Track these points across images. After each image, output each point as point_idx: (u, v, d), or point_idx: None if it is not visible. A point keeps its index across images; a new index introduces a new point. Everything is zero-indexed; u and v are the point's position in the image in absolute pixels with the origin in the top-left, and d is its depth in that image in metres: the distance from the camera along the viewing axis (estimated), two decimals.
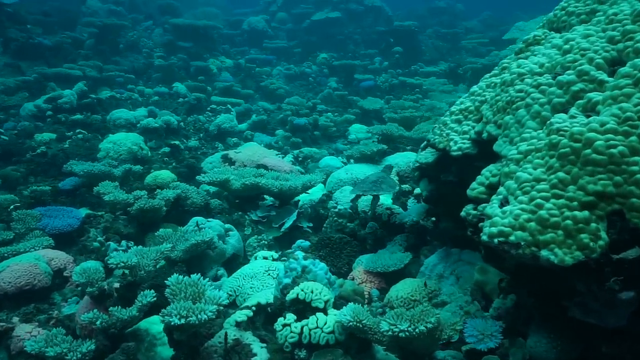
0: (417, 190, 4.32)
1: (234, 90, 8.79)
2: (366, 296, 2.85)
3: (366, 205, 4.09)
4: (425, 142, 3.18)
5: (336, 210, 3.57)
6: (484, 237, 1.53)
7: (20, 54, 8.65)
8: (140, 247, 2.77)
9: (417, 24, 12.50)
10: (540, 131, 1.67)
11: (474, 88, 2.43)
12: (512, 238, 1.45)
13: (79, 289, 3.11)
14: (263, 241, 3.65)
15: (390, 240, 3.48)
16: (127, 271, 2.63)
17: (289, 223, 3.69)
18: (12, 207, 3.97)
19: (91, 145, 5.53)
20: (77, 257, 3.62)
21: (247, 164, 5.41)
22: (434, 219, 3.31)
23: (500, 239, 1.47)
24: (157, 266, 2.72)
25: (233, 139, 6.54)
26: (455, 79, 10.09)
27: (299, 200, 4.31)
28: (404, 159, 4.77)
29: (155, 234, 3.16)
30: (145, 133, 6.01)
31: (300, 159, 6.02)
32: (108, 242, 3.16)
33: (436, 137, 2.40)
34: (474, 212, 1.81)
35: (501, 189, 1.64)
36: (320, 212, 4.09)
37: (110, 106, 7.17)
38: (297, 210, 3.79)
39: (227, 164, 5.41)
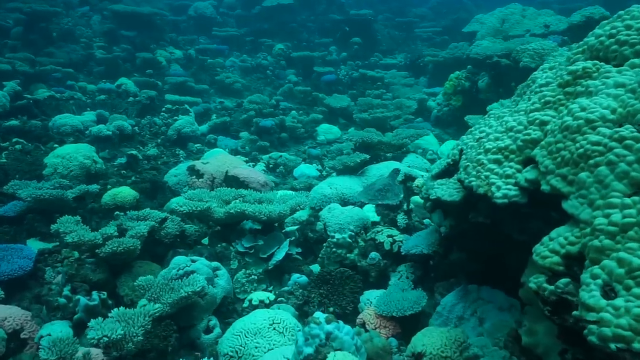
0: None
1: (187, 86, 8.16)
2: None
3: (356, 226, 3.82)
4: (436, 170, 2.91)
5: (334, 240, 3.25)
6: (593, 339, 1.28)
7: None
8: (122, 309, 2.33)
9: (372, 13, 12.24)
10: (637, 198, 1.44)
11: (511, 122, 2.17)
12: (636, 345, 1.21)
13: (41, 354, 2.62)
14: (252, 276, 3.27)
15: (394, 271, 3.22)
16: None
17: (280, 255, 3.33)
18: None
19: (34, 159, 4.84)
20: (32, 306, 3.09)
21: (217, 176, 4.96)
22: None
23: (620, 345, 1.23)
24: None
25: (196, 145, 6.02)
26: (416, 71, 9.97)
27: (283, 222, 3.96)
28: (388, 170, 4.50)
29: (135, 283, 2.70)
30: (96, 142, 5.37)
31: (271, 165, 5.63)
32: (77, 297, 2.67)
33: (472, 179, 2.13)
34: (550, 287, 1.56)
35: (596, 269, 1.40)
36: (308, 235, 3.77)
37: (50, 108, 6.39)
38: (287, 240, 3.43)
39: (194, 176, 4.93)
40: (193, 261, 3.02)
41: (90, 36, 9.76)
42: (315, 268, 3.47)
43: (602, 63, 2.01)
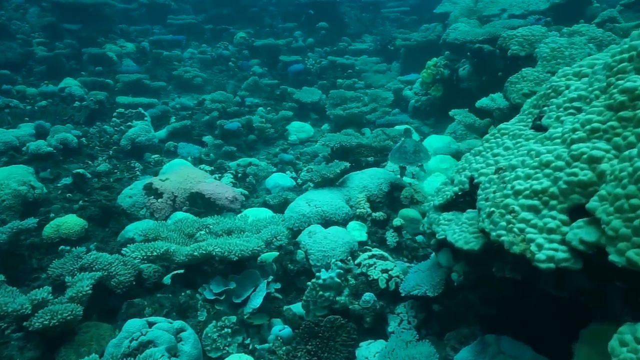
0: (396, 222, 3.65)
1: (142, 83, 7.41)
2: None
3: (342, 251, 3.35)
4: (440, 200, 2.42)
5: (320, 282, 2.74)
6: None
7: None
8: None
9: None
10: None
11: (546, 155, 1.69)
12: None
13: None
14: (225, 329, 2.75)
15: (392, 312, 2.75)
16: None
17: (257, 301, 2.81)
18: None
19: None
20: None
21: (178, 195, 4.37)
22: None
23: None
24: None
25: (153, 156, 5.36)
26: (387, 56, 9.46)
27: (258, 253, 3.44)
28: (372, 180, 4.03)
29: None
30: (35, 161, 4.67)
31: (240, 175, 5.04)
32: None
33: (501, 232, 1.65)
34: None
35: None
36: (288, 267, 3.26)
37: None
38: (264, 282, 2.91)
39: (152, 197, 4.32)
40: (150, 324, 2.47)
41: (28, 31, 8.76)
42: (298, 308, 2.97)
43: None
